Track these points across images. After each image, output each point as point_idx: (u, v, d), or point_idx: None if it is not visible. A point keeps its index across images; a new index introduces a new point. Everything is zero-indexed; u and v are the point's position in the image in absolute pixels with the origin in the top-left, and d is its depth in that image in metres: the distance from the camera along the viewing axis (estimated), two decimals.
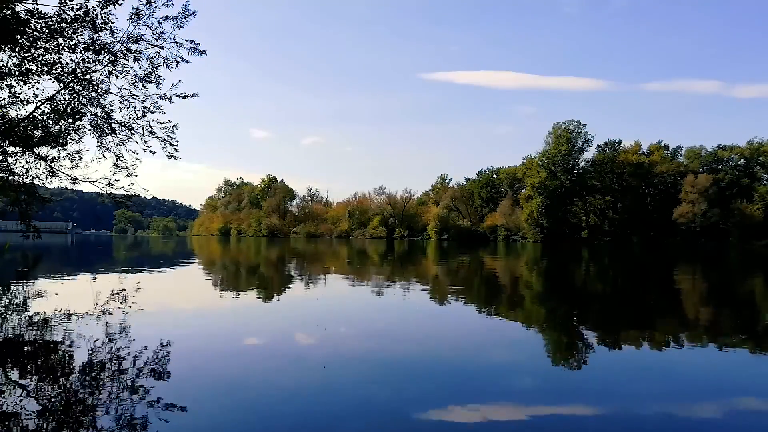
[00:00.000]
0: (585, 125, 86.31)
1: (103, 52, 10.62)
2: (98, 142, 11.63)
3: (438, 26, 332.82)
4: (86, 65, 10.72)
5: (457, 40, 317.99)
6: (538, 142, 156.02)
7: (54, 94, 10.90)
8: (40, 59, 10.21)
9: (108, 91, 11.19)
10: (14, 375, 4.80)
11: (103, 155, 11.70)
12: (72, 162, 11.73)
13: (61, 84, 10.76)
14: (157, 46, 10.86)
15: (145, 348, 5.80)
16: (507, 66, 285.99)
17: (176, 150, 11.76)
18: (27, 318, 7.69)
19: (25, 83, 10.45)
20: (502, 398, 4.49)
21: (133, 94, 11.26)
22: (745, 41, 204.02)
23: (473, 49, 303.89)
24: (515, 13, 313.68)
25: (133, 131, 11.56)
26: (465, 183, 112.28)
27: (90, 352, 5.66)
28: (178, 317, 8.54)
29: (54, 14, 9.92)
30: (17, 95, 10.66)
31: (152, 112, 11.43)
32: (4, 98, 10.70)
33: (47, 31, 9.97)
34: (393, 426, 3.82)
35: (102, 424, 3.64)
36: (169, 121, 11.63)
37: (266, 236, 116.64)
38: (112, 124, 11.54)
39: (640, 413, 4.14)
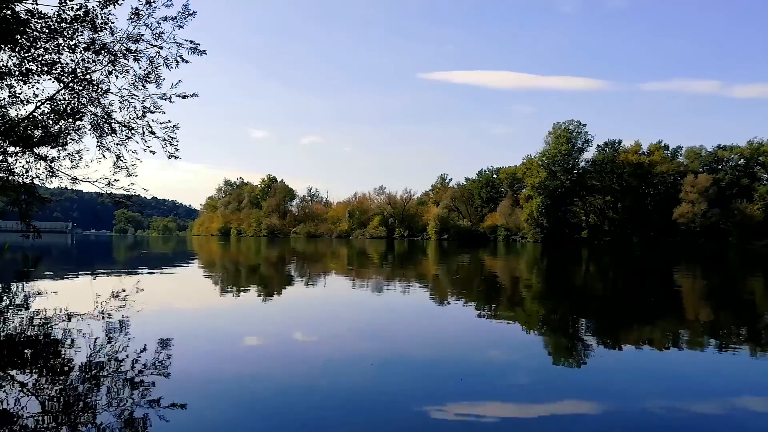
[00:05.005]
0: (585, 125, 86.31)
1: (103, 52, 10.62)
2: (98, 142, 11.64)
3: (436, 26, 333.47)
4: (86, 65, 10.72)
5: (453, 40, 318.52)
6: (537, 142, 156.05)
7: (54, 94, 10.91)
8: (40, 59, 10.21)
9: (108, 91, 11.19)
10: (15, 374, 4.81)
11: (103, 155, 11.71)
12: (72, 162, 11.74)
13: (61, 84, 10.76)
14: (156, 46, 10.87)
15: (145, 347, 5.81)
16: (504, 66, 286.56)
17: (176, 150, 11.77)
18: (27, 317, 7.70)
19: (25, 83, 10.45)
20: (502, 397, 4.50)
21: (133, 94, 11.27)
22: (743, 41, 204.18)
23: (471, 49, 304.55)
24: (511, 13, 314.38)
25: (133, 131, 11.57)
26: (465, 183, 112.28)
27: (90, 351, 5.66)
28: (178, 317, 8.55)
29: (54, 14, 9.92)
30: (17, 95, 10.66)
31: (152, 112, 11.44)
32: (4, 98, 10.71)
33: (47, 31, 9.96)
34: (394, 424, 3.82)
35: (102, 423, 3.64)
36: (169, 121, 11.64)
37: (266, 236, 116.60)
38: (112, 124, 11.54)
39: (640, 412, 4.15)
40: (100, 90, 11.14)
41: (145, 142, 11.59)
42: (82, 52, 10.52)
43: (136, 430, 3.58)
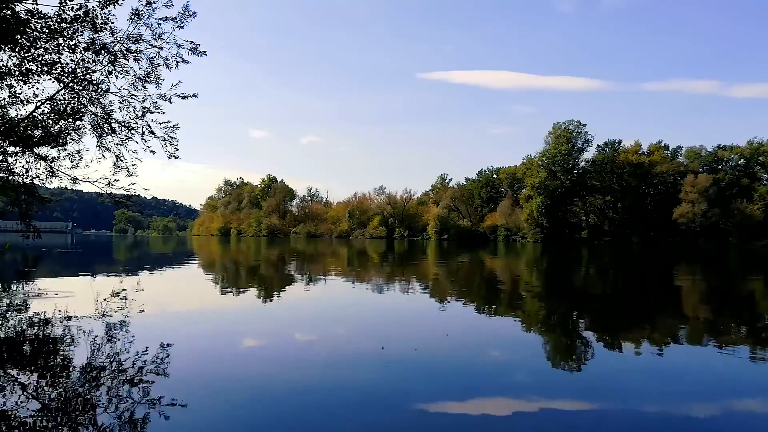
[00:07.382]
0: (585, 125, 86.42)
1: (103, 52, 10.60)
2: (98, 142, 11.61)
3: (436, 26, 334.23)
4: (86, 65, 10.70)
5: (453, 40, 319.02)
6: (537, 142, 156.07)
7: (54, 94, 10.89)
8: (40, 59, 10.20)
9: (108, 91, 11.17)
10: (15, 374, 4.81)
11: (103, 155, 11.69)
12: (72, 162, 11.71)
13: (61, 84, 10.75)
14: (156, 46, 10.84)
15: (146, 348, 5.81)
16: (504, 66, 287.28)
17: (176, 150, 11.74)
18: (27, 318, 7.70)
19: (25, 83, 10.44)
20: (501, 396, 4.50)
21: (133, 94, 11.24)
22: (743, 41, 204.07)
23: (470, 49, 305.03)
24: (511, 13, 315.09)
25: (133, 131, 11.55)
26: (465, 183, 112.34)
27: (90, 351, 5.66)
28: (178, 317, 8.55)
29: (54, 14, 9.90)
30: (17, 95, 10.65)
31: (152, 112, 11.41)
32: (4, 98, 10.69)
33: (47, 31, 9.95)
34: (393, 424, 3.82)
35: (102, 423, 3.64)
36: (169, 121, 11.61)
37: (266, 236, 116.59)
38: (112, 124, 11.53)
39: (639, 412, 4.15)
40: (100, 90, 11.12)
41: (145, 142, 11.57)
42: (82, 52, 10.51)
43: (137, 429, 3.58)
